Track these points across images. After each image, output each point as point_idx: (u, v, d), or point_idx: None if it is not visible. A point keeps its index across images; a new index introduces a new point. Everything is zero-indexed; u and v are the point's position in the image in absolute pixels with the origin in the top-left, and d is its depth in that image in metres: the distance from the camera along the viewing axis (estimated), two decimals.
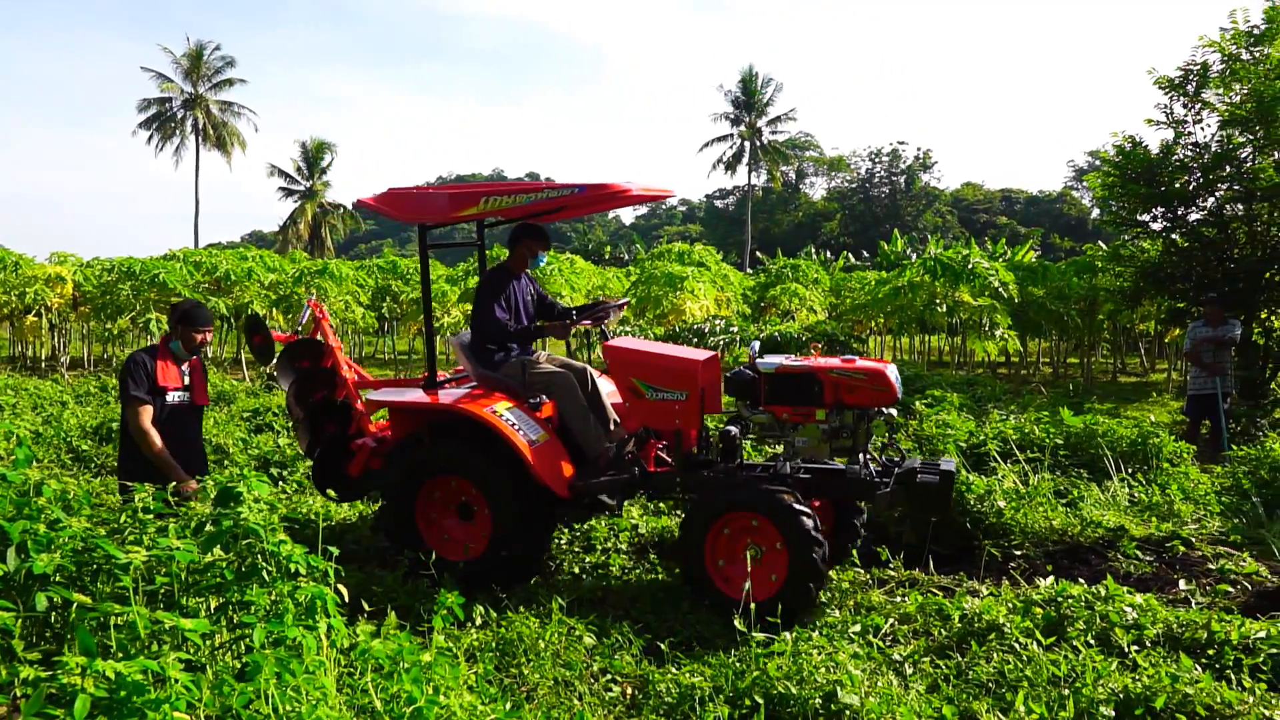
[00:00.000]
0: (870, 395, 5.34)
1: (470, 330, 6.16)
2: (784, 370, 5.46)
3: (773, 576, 5.06)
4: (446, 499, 5.77)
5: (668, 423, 5.58)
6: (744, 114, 64.91)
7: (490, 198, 5.41)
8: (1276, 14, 13.05)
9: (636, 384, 5.59)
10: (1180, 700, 3.88)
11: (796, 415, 5.48)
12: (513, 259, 6.18)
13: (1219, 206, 13.69)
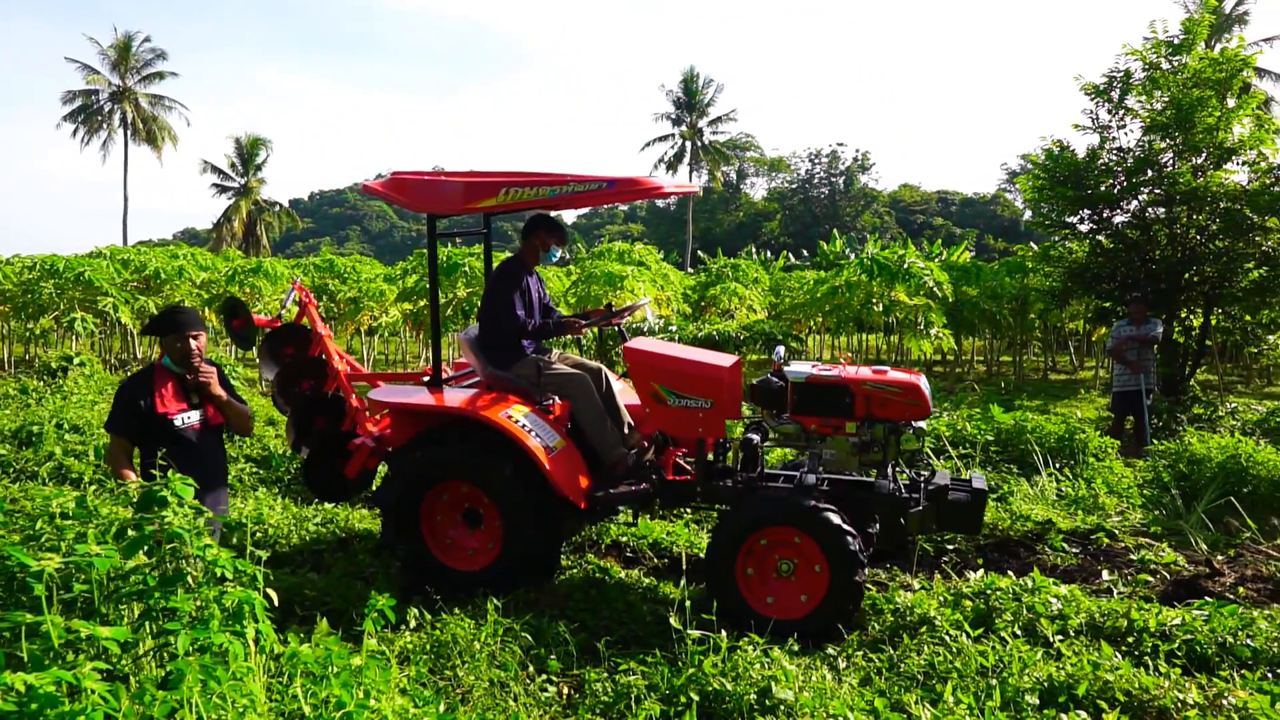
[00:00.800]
0: (903, 409, 5.20)
1: (479, 326, 5.88)
2: (814, 380, 5.28)
3: (803, 596, 4.90)
4: (453, 505, 5.54)
5: (690, 430, 5.37)
6: (685, 114, 65.13)
7: (511, 189, 5.17)
8: (1193, 26, 13.54)
9: (659, 389, 5.35)
10: (1101, 687, 4.01)
11: (825, 426, 5.30)
12: (525, 252, 5.88)
13: (1141, 209, 14.14)
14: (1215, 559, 6.18)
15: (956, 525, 5.35)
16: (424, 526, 5.48)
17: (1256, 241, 13.11)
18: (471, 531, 5.52)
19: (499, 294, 5.67)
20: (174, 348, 4.58)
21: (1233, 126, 13.30)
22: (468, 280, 17.29)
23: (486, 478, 5.29)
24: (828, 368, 5.48)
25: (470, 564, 5.47)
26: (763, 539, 4.94)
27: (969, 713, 3.61)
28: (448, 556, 5.49)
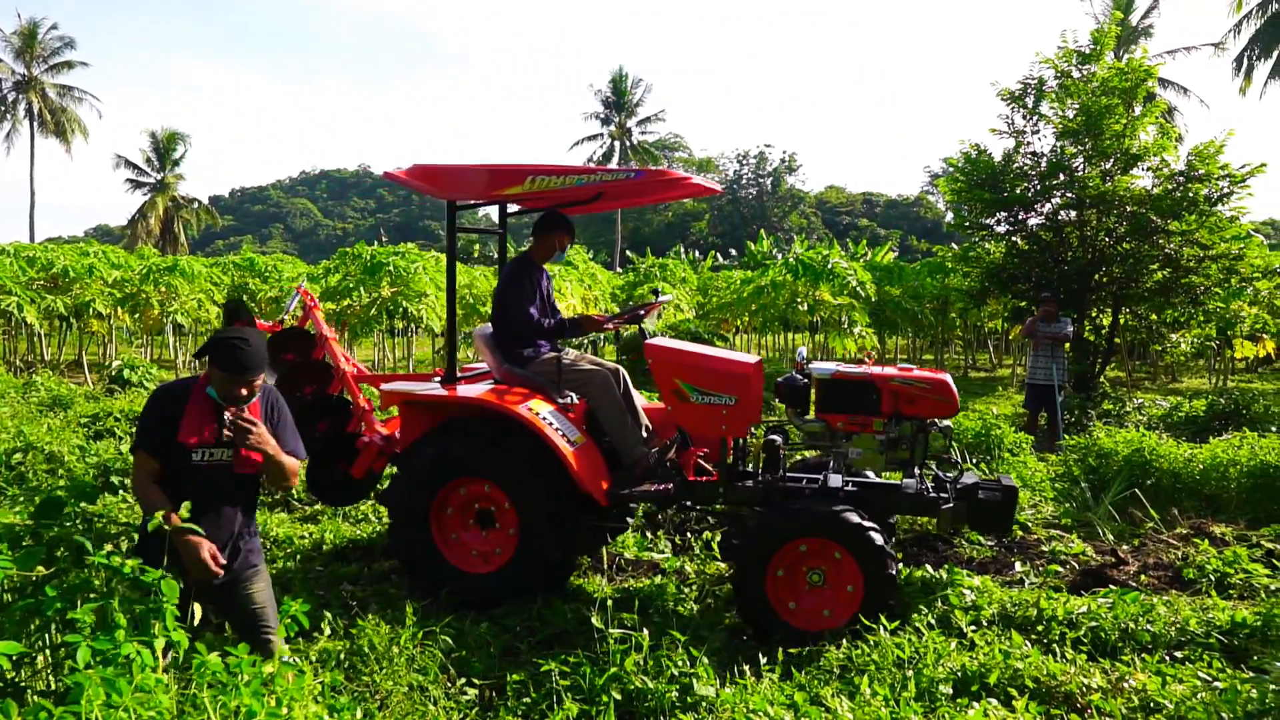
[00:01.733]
0: (931, 406, 5.13)
1: (493, 323, 5.73)
2: (840, 376, 5.22)
3: (825, 612, 4.78)
4: (464, 504, 5.36)
5: (712, 428, 5.25)
6: (614, 114, 65.18)
7: (537, 177, 5.05)
8: (1101, 37, 14.05)
9: (681, 386, 5.23)
10: (1011, 675, 4.13)
11: (852, 424, 5.22)
12: (538, 250, 5.78)
13: (1054, 212, 14.60)
14: (1121, 549, 6.41)
15: (987, 525, 5.23)
16: (433, 527, 5.30)
17: (1160, 244, 13.64)
18: (483, 533, 5.34)
19: (511, 293, 5.57)
20: (224, 387, 3.63)
21: (1138, 134, 13.83)
22: (393, 279, 17.05)
23: (504, 474, 5.14)
24: (853, 366, 5.44)
25: (481, 567, 5.27)
26: (802, 546, 4.80)
27: (884, 704, 3.67)
28: (458, 559, 5.31)
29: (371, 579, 5.90)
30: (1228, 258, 13.67)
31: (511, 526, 5.23)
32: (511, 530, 5.23)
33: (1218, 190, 13.42)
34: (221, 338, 3.60)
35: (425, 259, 18.09)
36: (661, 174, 5.18)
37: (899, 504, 5.21)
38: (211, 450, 3.69)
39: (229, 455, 3.70)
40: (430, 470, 5.22)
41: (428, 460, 5.22)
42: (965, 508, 5.10)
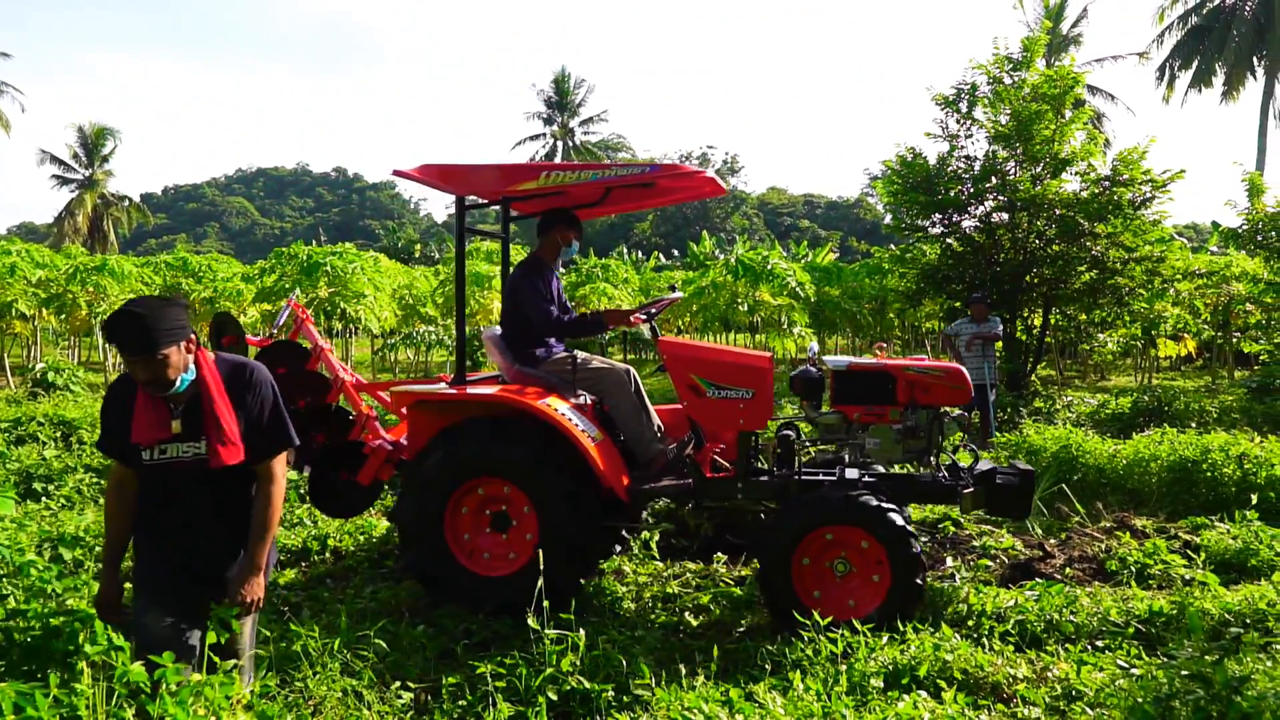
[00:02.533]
0: (946, 394, 5.19)
1: (503, 323, 5.65)
2: (856, 368, 5.25)
3: (850, 602, 4.75)
4: (478, 507, 5.24)
5: (729, 423, 5.24)
6: (557, 114, 65.06)
7: (552, 172, 5.04)
8: (1031, 44, 14.42)
9: (697, 381, 5.22)
10: (941, 667, 4.22)
11: (869, 415, 5.24)
12: (544, 248, 5.70)
13: (987, 215, 14.93)
14: (1048, 543, 6.59)
15: (1006, 509, 5.25)
16: (447, 531, 5.18)
17: (1087, 246, 14.04)
18: (501, 535, 5.23)
19: (525, 291, 5.49)
20: (132, 371, 3.09)
21: (1067, 139, 14.22)
22: (330, 280, 16.79)
23: (524, 473, 5.05)
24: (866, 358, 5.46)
25: (499, 570, 5.16)
26: (827, 534, 4.79)
27: (817, 699, 3.73)
28: (473, 563, 5.18)
29: (307, 584, 5.82)
30: (1151, 260, 14.12)
31: (530, 528, 5.13)
32: (530, 532, 5.13)
33: (1141, 195, 13.86)
34: (115, 312, 3.03)
35: (363, 259, 17.84)
36: (675, 169, 5.19)
37: (920, 492, 5.25)
38: (163, 447, 3.16)
39: (187, 451, 3.17)
40: (446, 470, 5.10)
41: (443, 460, 5.10)
42: (984, 493, 5.15)
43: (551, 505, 5.02)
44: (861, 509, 4.66)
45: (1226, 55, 38.22)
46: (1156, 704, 2.76)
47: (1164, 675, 2.83)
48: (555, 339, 5.68)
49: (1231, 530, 6.43)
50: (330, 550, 6.29)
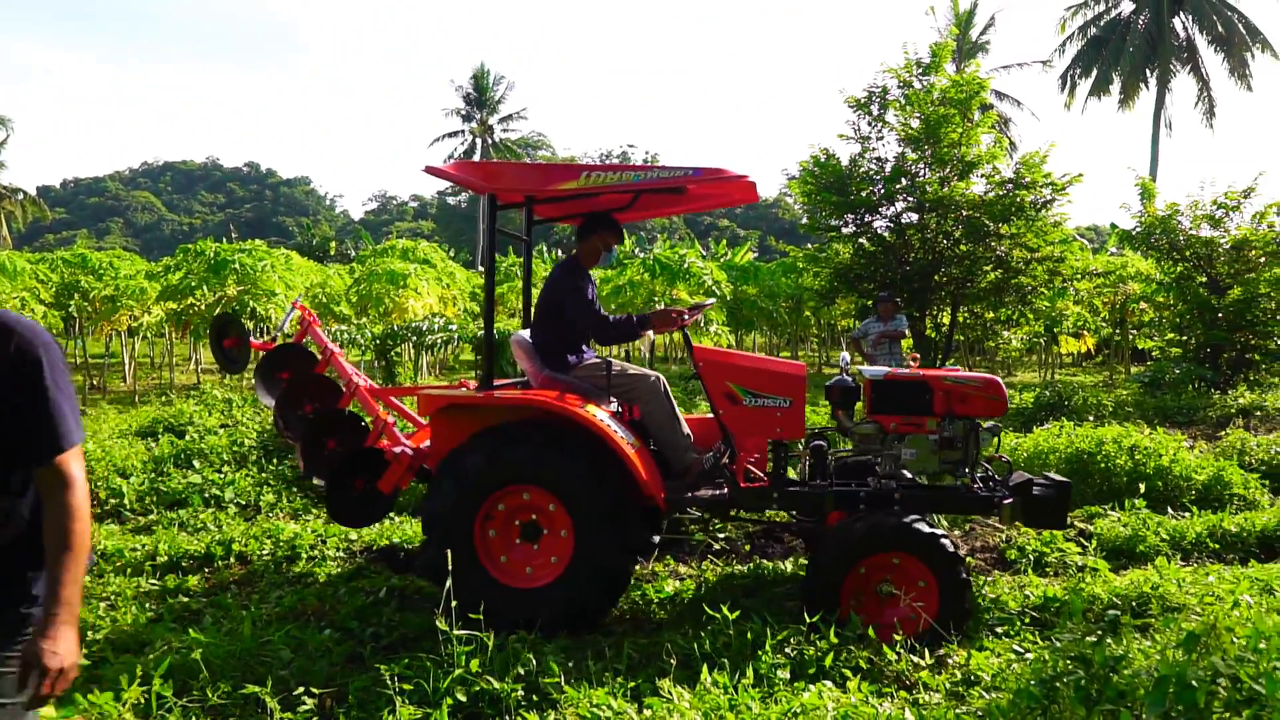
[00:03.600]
0: (983, 405, 5.14)
1: (535, 328, 5.47)
2: (893, 378, 5.22)
3: (895, 622, 4.63)
4: (509, 516, 5.01)
5: (766, 431, 5.18)
6: (476, 110, 64.41)
7: (593, 173, 4.93)
8: (939, 50, 14.85)
9: (734, 389, 5.15)
10: (846, 657, 4.33)
11: (906, 425, 5.18)
12: (584, 253, 5.51)
13: (897, 215, 15.32)
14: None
15: (1042, 520, 5.18)
16: (476, 540, 4.94)
17: (992, 247, 14.53)
18: (532, 546, 5.01)
19: (571, 293, 5.33)
20: None
21: (973, 143, 14.68)
22: (239, 278, 16.32)
23: (561, 481, 4.88)
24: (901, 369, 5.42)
25: (531, 581, 4.95)
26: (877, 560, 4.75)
27: (724, 692, 3.78)
28: (502, 574, 4.95)
29: (209, 590, 5.65)
30: (1052, 260, 14.68)
31: (565, 538, 4.93)
32: (565, 543, 4.95)
33: (1042, 197, 14.40)
34: None
35: (274, 257, 17.39)
36: (719, 173, 5.11)
37: (960, 504, 5.25)
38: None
39: None
40: (478, 478, 4.87)
41: (475, 468, 4.87)
42: (1021, 504, 5.10)
43: (590, 515, 4.86)
44: (915, 535, 4.66)
45: (1122, 66, 39.88)
46: (1042, 685, 2.88)
47: (1050, 658, 2.95)
48: (587, 345, 5.54)
49: (1122, 518, 6.73)
50: (235, 555, 6.13)
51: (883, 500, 4.97)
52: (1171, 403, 13.11)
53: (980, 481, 5.24)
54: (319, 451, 5.72)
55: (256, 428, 8.99)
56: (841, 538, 4.77)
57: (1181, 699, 2.47)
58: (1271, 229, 15.18)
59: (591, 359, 5.46)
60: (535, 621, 4.66)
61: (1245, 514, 6.87)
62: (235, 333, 5.88)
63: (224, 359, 6.00)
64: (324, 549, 6.15)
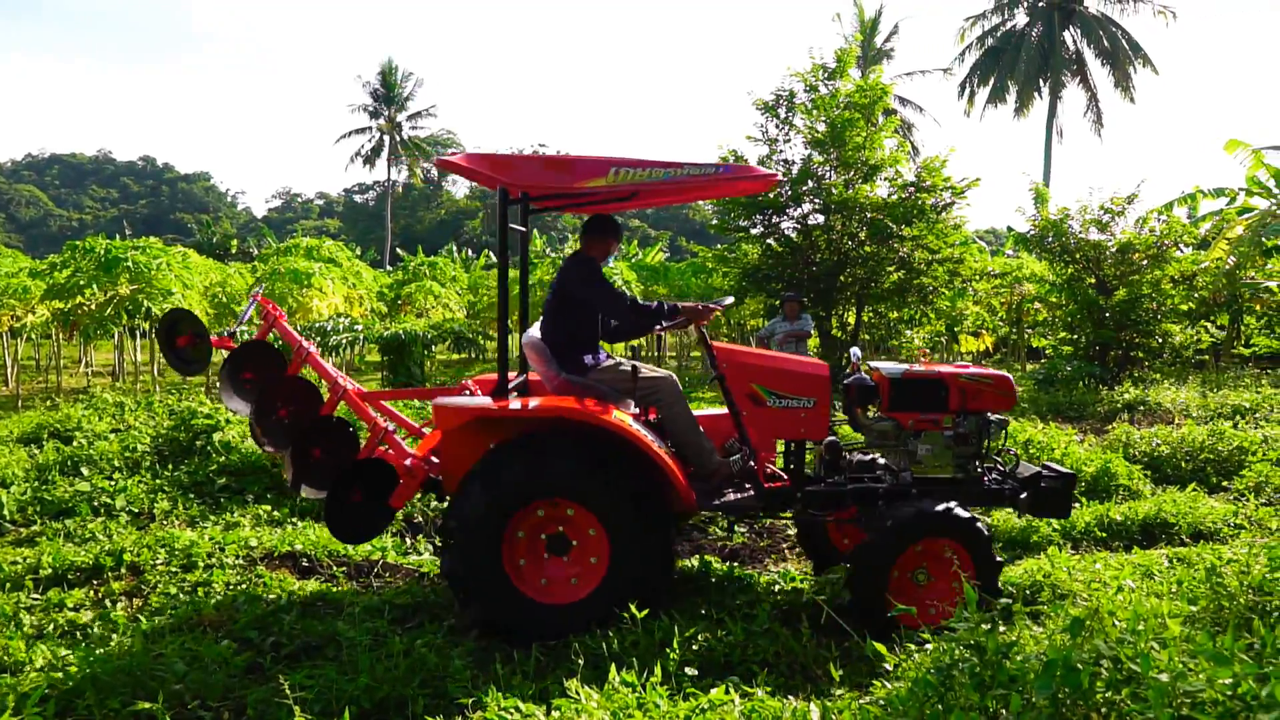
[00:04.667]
0: (994, 400, 5.25)
1: (551, 328, 5.25)
2: (910, 375, 5.26)
3: (932, 609, 4.62)
4: (536, 529, 4.85)
5: (790, 431, 5.18)
6: (383, 107, 63.22)
7: (621, 169, 4.73)
8: (844, 55, 15.18)
9: (758, 390, 5.12)
10: (754, 650, 4.39)
11: (922, 422, 5.24)
12: (594, 247, 5.34)
13: (804, 217, 15.63)
14: None
15: (1049, 510, 5.35)
16: (504, 555, 4.75)
17: (895, 248, 14.93)
18: (561, 560, 4.87)
19: (598, 284, 5.18)
20: None
21: (877, 147, 15.06)
22: (132, 276, 15.65)
23: (597, 492, 4.74)
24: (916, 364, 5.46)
25: (562, 596, 4.80)
26: (919, 546, 4.79)
27: (632, 691, 3.78)
28: (531, 589, 4.79)
29: (97, 603, 5.40)
30: (952, 261, 15.16)
31: (596, 550, 4.81)
32: (597, 555, 4.82)
33: (942, 200, 14.86)
34: None
35: (171, 255, 16.72)
36: (748, 170, 5.04)
37: (975, 496, 5.29)
38: None
39: None
40: (508, 492, 4.71)
41: (506, 481, 4.71)
42: (1030, 496, 5.22)
43: (625, 526, 4.75)
44: (957, 521, 4.74)
45: (1017, 75, 41.45)
46: (939, 673, 2.96)
47: (947, 646, 3.04)
48: (598, 345, 5.41)
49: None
50: (126, 566, 5.86)
51: (901, 496, 5.03)
52: (1063, 399, 13.67)
53: (991, 474, 5.37)
54: (304, 461, 5.31)
55: (150, 431, 8.65)
56: (889, 525, 4.78)
57: (1067, 681, 2.58)
58: (1153, 233, 15.99)
59: (607, 360, 5.33)
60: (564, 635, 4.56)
61: (1129, 504, 7.21)
62: (190, 329, 5.30)
63: (178, 360, 5.39)
64: (221, 556, 5.93)
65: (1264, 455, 8.40)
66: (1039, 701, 2.60)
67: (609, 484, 4.73)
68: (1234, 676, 2.36)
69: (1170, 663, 2.57)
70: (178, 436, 8.40)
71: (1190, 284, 16.89)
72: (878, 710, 3.17)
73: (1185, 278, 16.65)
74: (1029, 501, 5.21)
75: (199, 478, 7.74)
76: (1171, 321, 16.38)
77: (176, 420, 8.63)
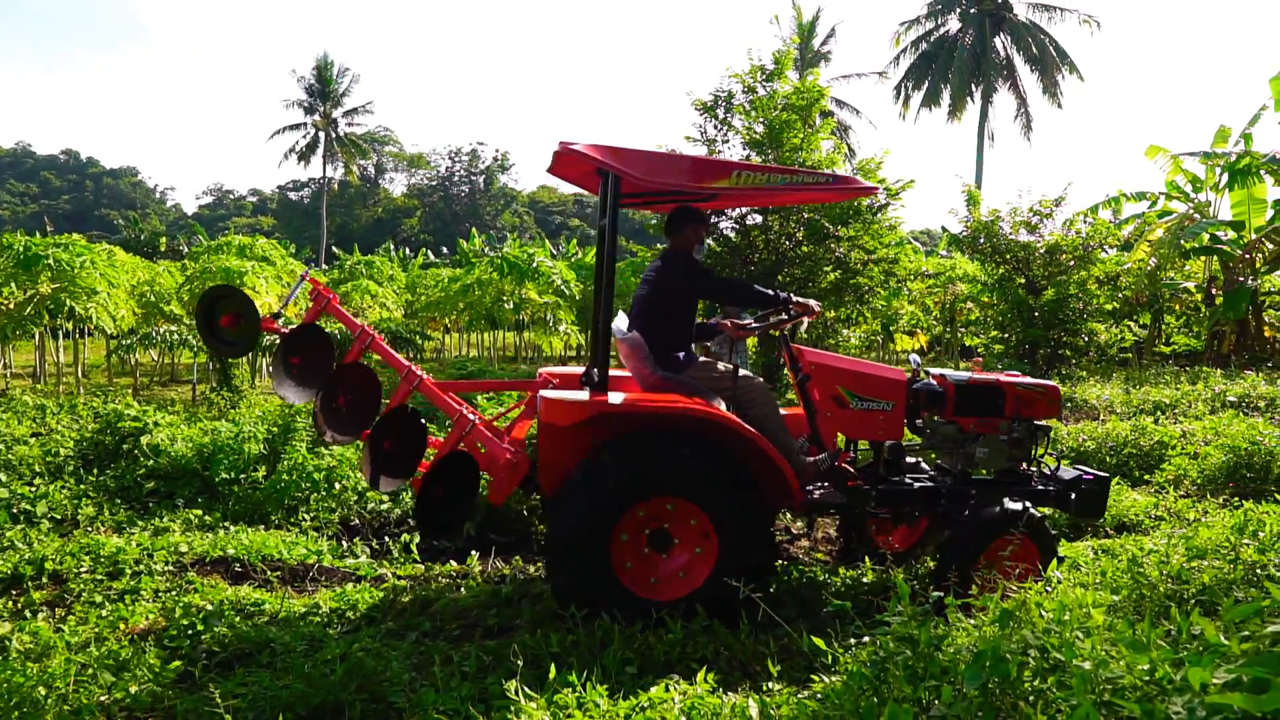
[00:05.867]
0: (1044, 408, 5.56)
1: (648, 324, 5.23)
2: (975, 383, 5.52)
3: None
4: (639, 527, 4.87)
5: (870, 432, 5.40)
6: (319, 103, 62.11)
7: (743, 173, 4.89)
8: (781, 57, 15.34)
9: (843, 393, 5.34)
10: (694, 647, 4.43)
11: (981, 426, 5.52)
12: (686, 241, 5.39)
13: (742, 217, 15.74)
14: (795, 525, 7.04)
15: (1087, 511, 5.67)
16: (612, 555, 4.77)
17: (832, 248, 15.12)
18: (660, 556, 4.90)
19: (703, 275, 5.30)
20: None
21: (814, 148, 15.24)
22: (54, 275, 15.15)
23: (707, 490, 4.79)
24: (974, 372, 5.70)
25: (665, 594, 4.82)
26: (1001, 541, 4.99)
27: (572, 690, 3.78)
28: (635, 586, 4.81)
29: (16, 614, 5.21)
30: (887, 261, 15.42)
31: (702, 547, 4.86)
32: (702, 552, 4.87)
33: (878, 201, 15.11)
34: None
35: (95, 252, 16.21)
36: (851, 181, 5.22)
37: (1030, 496, 5.50)
38: None
39: None
40: (623, 488, 4.74)
41: (620, 477, 4.73)
42: (1069, 496, 5.54)
43: (736, 523, 4.83)
44: (1032, 518, 5.06)
45: (950, 80, 42.36)
46: (874, 666, 3.02)
47: (881, 640, 3.10)
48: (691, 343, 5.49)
49: None
50: (48, 575, 5.67)
51: (961, 496, 5.39)
52: None
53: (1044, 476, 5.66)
54: (377, 454, 5.09)
55: (74, 435, 8.38)
56: (979, 521, 5.07)
57: (996, 671, 2.65)
58: (1079, 235, 16.48)
59: (701, 359, 5.41)
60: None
61: None
62: (235, 307, 4.89)
63: (218, 342, 5.04)
64: (150, 563, 5.78)
65: (1182, 449, 8.71)
66: (969, 692, 2.67)
67: (722, 483, 4.81)
68: (1151, 662, 2.44)
69: (1093, 651, 2.65)
70: (103, 440, 8.15)
71: (1114, 284, 17.43)
72: (815, 704, 3.22)
73: (1110, 278, 17.17)
74: (1076, 503, 5.52)
75: (126, 482, 7.53)
76: (1097, 321, 16.88)
77: (102, 423, 8.37)
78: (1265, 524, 5.41)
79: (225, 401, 10.91)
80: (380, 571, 5.99)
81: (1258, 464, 7.99)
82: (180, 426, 8.45)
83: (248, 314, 4.97)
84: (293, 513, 7.17)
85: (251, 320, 4.97)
